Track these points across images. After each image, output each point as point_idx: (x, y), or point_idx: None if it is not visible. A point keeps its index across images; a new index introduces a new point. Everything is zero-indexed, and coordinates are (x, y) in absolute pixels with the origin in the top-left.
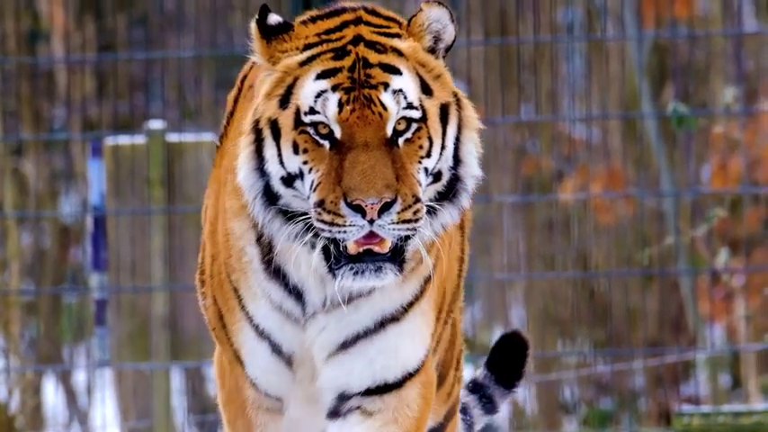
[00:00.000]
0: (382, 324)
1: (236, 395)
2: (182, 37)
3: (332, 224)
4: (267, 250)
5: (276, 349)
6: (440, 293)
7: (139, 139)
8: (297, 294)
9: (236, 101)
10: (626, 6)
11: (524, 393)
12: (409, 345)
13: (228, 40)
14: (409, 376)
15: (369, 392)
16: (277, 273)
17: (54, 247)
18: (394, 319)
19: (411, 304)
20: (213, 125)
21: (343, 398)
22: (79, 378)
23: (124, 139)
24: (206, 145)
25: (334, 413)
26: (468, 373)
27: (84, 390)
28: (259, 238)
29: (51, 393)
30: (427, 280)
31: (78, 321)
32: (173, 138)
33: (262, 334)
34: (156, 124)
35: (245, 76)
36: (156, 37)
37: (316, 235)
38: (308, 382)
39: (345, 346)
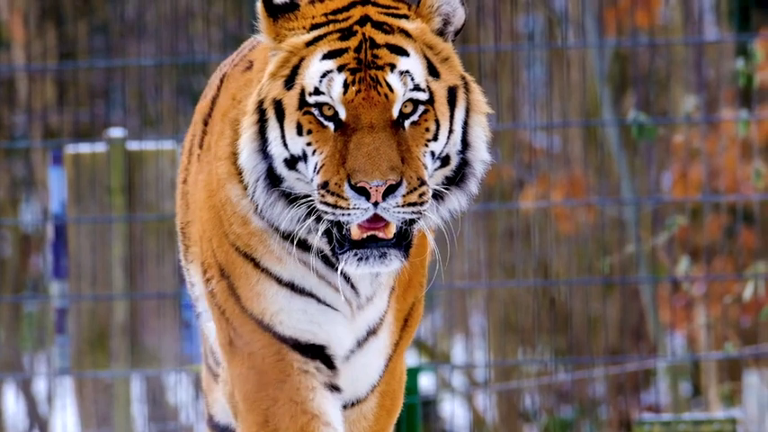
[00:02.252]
0: (367, 334)
1: (273, 369)
2: (142, 45)
3: (335, 206)
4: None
5: (311, 295)
6: (407, 299)
7: (100, 148)
8: (325, 259)
9: (213, 100)
10: (587, 14)
11: (485, 401)
12: (377, 360)
13: (189, 48)
14: (372, 389)
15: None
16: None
17: (14, 255)
18: (372, 332)
19: (384, 314)
20: (174, 133)
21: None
22: (40, 386)
23: (85, 148)
24: (167, 153)
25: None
26: (429, 382)
27: (45, 398)
28: None
29: (12, 401)
30: (392, 291)
31: (39, 329)
32: (133, 146)
33: (297, 290)
34: (116, 132)
35: (234, 65)
36: (117, 45)
37: (319, 219)
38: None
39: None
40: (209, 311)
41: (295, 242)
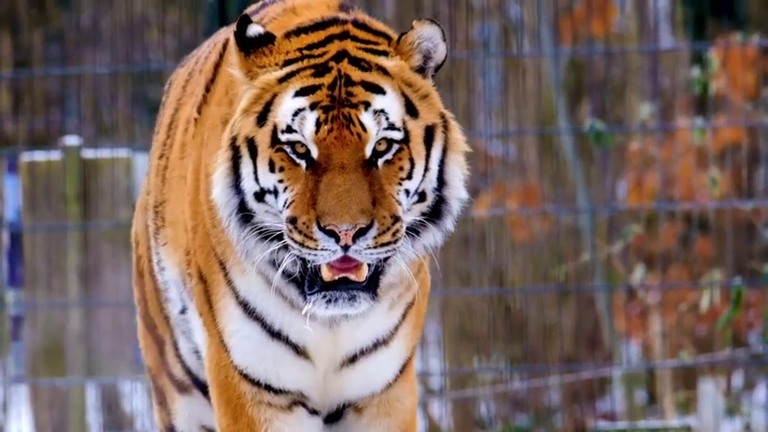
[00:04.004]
0: (361, 353)
1: (230, 392)
2: (97, 53)
3: (302, 245)
4: None
5: (277, 335)
6: (421, 313)
7: (55, 156)
8: (297, 283)
9: (216, 67)
10: (542, 23)
11: (440, 409)
12: (389, 365)
13: (144, 57)
14: (391, 384)
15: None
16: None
17: None
18: (377, 345)
19: (396, 328)
20: (129, 141)
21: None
22: None
23: (40, 156)
24: (122, 161)
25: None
26: None
27: (0, 405)
28: None
29: None
30: (410, 304)
31: None
32: (88, 154)
33: (251, 314)
34: (71, 140)
35: (224, 46)
36: (72, 53)
37: (285, 249)
38: (331, 371)
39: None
40: (189, 304)
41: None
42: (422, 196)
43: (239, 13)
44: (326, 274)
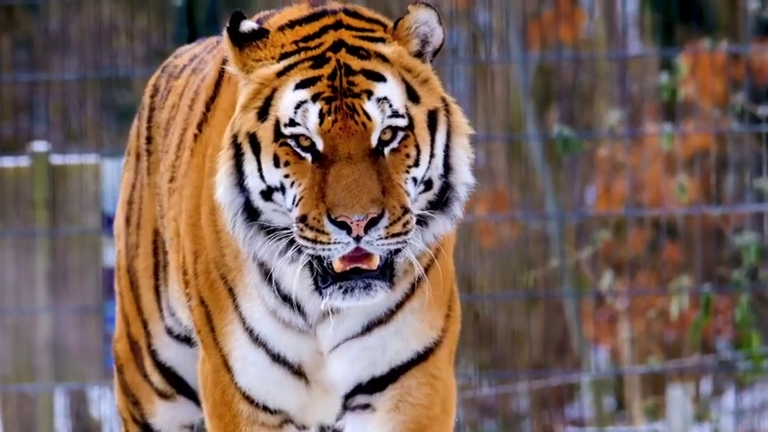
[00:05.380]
0: (369, 328)
1: (225, 409)
2: (66, 59)
3: (315, 241)
4: None
5: (277, 358)
6: (446, 290)
7: (23, 161)
8: (291, 304)
9: (216, 85)
10: (511, 29)
11: None
12: (396, 340)
13: (112, 63)
14: (402, 368)
15: (361, 389)
16: (270, 278)
17: None
18: (381, 321)
19: (400, 304)
20: (97, 147)
21: (347, 396)
22: None
23: (8, 161)
24: (90, 167)
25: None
26: None
27: None
28: None
29: None
30: (419, 279)
31: None
32: (57, 160)
33: (257, 340)
34: (39, 146)
35: (226, 60)
36: (40, 59)
37: (300, 251)
38: (321, 389)
39: (339, 346)
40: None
41: (271, 278)
42: (428, 184)
43: (208, 18)
44: (338, 266)
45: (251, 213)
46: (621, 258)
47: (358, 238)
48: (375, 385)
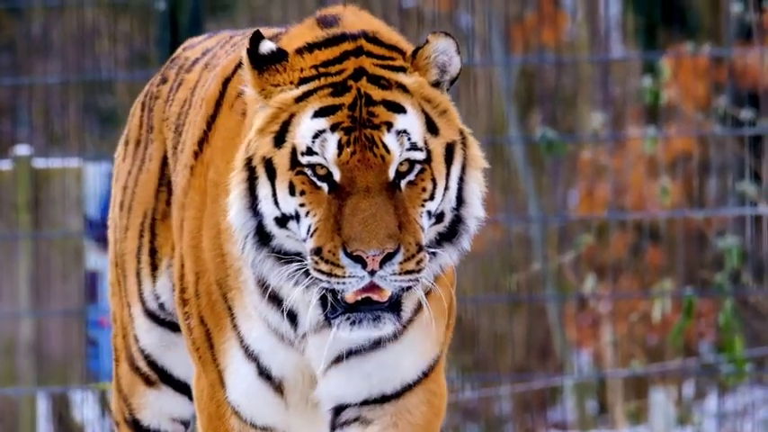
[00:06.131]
0: (378, 342)
1: (218, 423)
2: (48, 63)
3: (330, 274)
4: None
5: (263, 373)
6: (446, 300)
7: (6, 165)
8: (290, 317)
9: (217, 104)
10: (493, 32)
11: None
12: (408, 358)
13: (95, 66)
14: (409, 387)
15: (366, 403)
16: (273, 296)
17: None
18: (390, 338)
19: (410, 320)
20: (80, 150)
21: (339, 410)
22: None
23: None
24: (72, 171)
25: (333, 427)
26: None
27: None
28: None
29: None
30: (426, 293)
31: None
32: (39, 163)
33: (251, 356)
34: (22, 150)
35: (227, 79)
36: (23, 62)
37: (307, 273)
38: (304, 406)
39: (339, 360)
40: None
41: (272, 296)
42: (439, 217)
43: (191, 23)
44: (349, 297)
45: (262, 237)
46: (604, 262)
47: (372, 272)
48: (374, 401)
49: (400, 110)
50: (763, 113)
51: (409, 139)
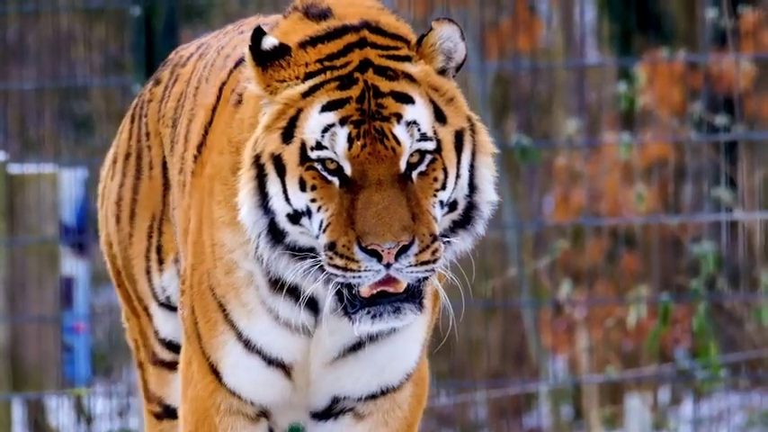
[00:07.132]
0: (372, 338)
1: (204, 402)
2: (23, 69)
3: (345, 269)
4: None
5: (273, 362)
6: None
7: None
8: (310, 306)
9: (213, 110)
10: (468, 38)
11: None
12: (412, 346)
13: (70, 72)
14: (407, 377)
15: (364, 397)
16: (284, 288)
17: None
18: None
19: None
20: (55, 156)
21: (336, 400)
22: None
23: None
24: (48, 176)
25: (324, 415)
26: None
27: None
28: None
29: None
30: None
31: None
32: (14, 169)
33: (253, 349)
34: None
35: (223, 84)
36: None
37: (322, 269)
38: (305, 388)
39: (355, 349)
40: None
41: (284, 288)
42: (452, 206)
43: (166, 29)
44: (365, 291)
45: (276, 235)
46: (579, 267)
47: (388, 266)
48: (375, 395)
49: (409, 100)
50: (737, 119)
51: (419, 129)
